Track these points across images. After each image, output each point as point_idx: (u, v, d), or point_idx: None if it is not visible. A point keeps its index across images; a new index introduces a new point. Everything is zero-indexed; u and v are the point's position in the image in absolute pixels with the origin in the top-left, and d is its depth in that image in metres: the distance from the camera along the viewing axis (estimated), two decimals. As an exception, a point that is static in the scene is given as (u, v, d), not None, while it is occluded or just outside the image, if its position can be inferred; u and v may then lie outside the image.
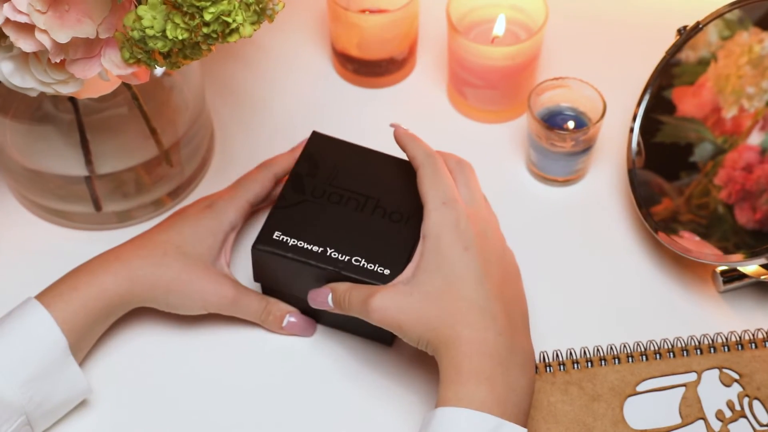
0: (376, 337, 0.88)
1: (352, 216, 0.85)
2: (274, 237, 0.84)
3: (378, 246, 0.83)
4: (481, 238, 0.79)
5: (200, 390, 0.86)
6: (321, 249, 0.83)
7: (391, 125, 0.86)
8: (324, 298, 0.82)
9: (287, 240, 0.84)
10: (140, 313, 0.88)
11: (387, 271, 0.82)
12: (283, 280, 0.86)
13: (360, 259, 0.83)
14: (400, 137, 0.85)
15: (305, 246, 0.83)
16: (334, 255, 0.83)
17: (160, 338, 0.88)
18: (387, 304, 0.78)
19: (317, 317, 0.89)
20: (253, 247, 0.84)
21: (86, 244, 0.92)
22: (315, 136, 0.91)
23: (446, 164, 0.83)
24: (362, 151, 0.90)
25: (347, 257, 0.83)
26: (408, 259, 0.83)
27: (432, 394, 0.85)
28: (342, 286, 0.81)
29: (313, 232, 0.84)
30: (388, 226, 0.85)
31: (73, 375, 0.80)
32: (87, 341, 0.83)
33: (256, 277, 0.87)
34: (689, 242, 0.87)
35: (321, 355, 0.88)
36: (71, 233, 0.95)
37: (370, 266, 0.82)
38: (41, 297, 0.81)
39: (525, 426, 0.75)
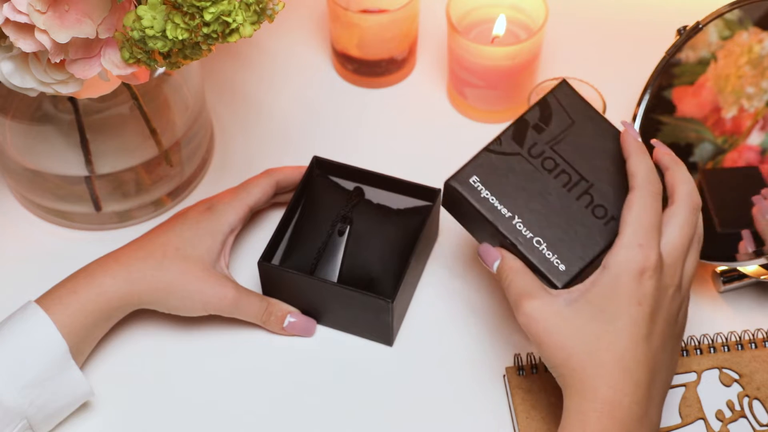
0: (377, 337, 0.88)
1: (557, 192, 0.79)
2: (470, 181, 0.79)
3: (566, 235, 0.78)
4: (660, 295, 0.74)
5: (201, 391, 0.86)
6: (510, 214, 0.78)
7: (623, 123, 0.80)
8: (491, 260, 0.79)
9: (481, 190, 0.79)
10: (141, 315, 0.88)
11: (563, 267, 0.77)
12: (461, 215, 0.82)
13: (541, 242, 0.78)
14: (626, 144, 0.79)
15: (496, 204, 0.79)
16: (519, 227, 0.78)
17: (161, 340, 0.88)
18: (539, 316, 0.74)
19: (318, 317, 0.89)
20: (447, 182, 0.80)
21: (86, 244, 0.93)
22: (564, 85, 0.83)
23: (674, 195, 0.77)
24: (602, 123, 0.82)
25: (530, 234, 0.78)
26: (589, 263, 0.78)
27: (432, 394, 0.85)
28: (512, 263, 0.78)
29: (510, 194, 0.79)
30: (587, 219, 0.79)
31: (74, 378, 0.80)
32: (87, 344, 0.83)
33: (446, 205, 0.83)
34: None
35: (321, 356, 0.88)
36: (71, 233, 0.95)
37: (548, 254, 0.78)
38: (41, 301, 0.81)
39: None
